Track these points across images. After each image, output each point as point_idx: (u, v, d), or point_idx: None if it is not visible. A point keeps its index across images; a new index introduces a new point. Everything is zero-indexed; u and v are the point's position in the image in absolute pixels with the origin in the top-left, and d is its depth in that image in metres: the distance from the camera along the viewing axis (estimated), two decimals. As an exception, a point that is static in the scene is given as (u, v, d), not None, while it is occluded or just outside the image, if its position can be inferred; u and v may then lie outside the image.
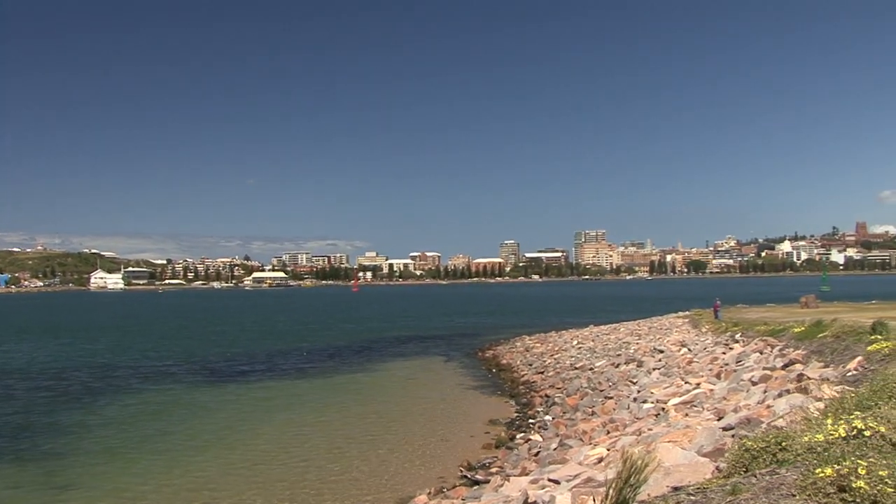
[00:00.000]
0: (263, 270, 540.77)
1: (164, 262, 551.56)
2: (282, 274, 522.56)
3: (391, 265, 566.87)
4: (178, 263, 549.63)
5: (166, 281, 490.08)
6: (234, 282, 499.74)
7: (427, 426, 34.20)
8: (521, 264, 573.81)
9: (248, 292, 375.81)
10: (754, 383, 23.74)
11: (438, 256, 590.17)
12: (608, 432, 25.05)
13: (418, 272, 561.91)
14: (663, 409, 25.45)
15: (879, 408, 9.81)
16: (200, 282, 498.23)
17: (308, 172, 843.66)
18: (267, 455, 28.74)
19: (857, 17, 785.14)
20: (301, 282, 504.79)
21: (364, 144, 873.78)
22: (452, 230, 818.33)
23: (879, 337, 22.02)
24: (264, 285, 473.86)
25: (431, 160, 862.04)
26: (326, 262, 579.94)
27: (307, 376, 52.19)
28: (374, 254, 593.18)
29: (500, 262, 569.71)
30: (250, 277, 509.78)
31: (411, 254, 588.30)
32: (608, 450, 19.89)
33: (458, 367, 56.89)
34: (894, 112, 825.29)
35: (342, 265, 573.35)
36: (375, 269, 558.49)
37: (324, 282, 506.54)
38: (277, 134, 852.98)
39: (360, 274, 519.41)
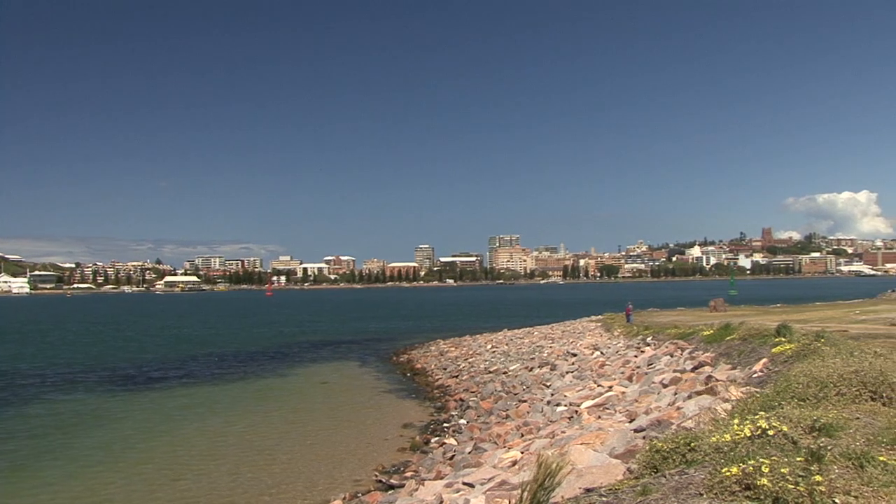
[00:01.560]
0: (176, 274, 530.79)
1: (73, 265, 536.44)
2: (194, 278, 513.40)
3: (305, 269, 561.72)
4: (88, 267, 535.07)
5: (75, 285, 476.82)
6: (145, 286, 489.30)
7: (342, 431, 34.00)
8: (435, 268, 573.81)
9: (159, 297, 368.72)
10: (665, 386, 24.19)
11: (353, 260, 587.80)
12: (522, 435, 25.22)
13: (333, 276, 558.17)
14: (576, 411, 25.72)
15: (783, 408, 10.11)
16: (111, 286, 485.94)
17: (222, 175, 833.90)
18: (179, 464, 28.17)
19: (763, 23, 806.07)
20: (214, 286, 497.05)
21: (278, 147, 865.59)
22: (367, 234, 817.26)
23: (783, 339, 22.62)
24: (176, 290, 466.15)
25: (346, 164, 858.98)
26: (240, 267, 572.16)
27: (221, 383, 51.40)
28: (288, 258, 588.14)
29: (414, 267, 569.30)
30: (162, 282, 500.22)
31: (326, 258, 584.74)
32: (522, 453, 20.04)
33: (372, 372, 56.68)
34: (799, 122, 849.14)
35: (256, 269, 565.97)
36: (290, 274, 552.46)
37: (237, 286, 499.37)
38: (191, 135, 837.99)
39: (275, 278, 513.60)
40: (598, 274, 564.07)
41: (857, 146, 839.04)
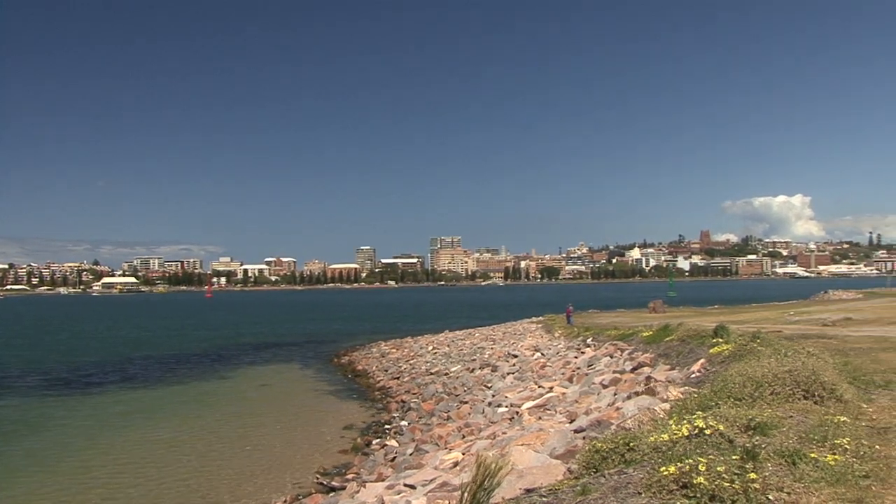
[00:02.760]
0: (113, 275, 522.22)
1: (6, 266, 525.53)
2: (133, 279, 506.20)
3: (246, 271, 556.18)
4: (22, 268, 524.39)
5: (8, 287, 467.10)
6: (82, 287, 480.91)
7: (283, 433, 33.79)
8: (377, 270, 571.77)
9: (96, 298, 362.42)
10: (605, 386, 24.39)
11: (294, 262, 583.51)
12: (463, 436, 25.28)
13: (273, 278, 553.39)
14: (517, 412, 25.83)
15: (719, 407, 10.30)
16: (46, 287, 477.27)
17: (161, 175, 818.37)
18: (116, 472, 27.63)
19: (701, 30, 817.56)
20: (153, 287, 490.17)
21: (218, 147, 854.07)
22: (308, 236, 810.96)
23: (721, 340, 22.94)
24: (114, 291, 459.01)
25: (287, 164, 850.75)
26: (180, 268, 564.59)
27: (160, 387, 50.65)
28: (228, 259, 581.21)
29: (356, 268, 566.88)
30: (99, 283, 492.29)
31: (266, 259, 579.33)
32: (463, 454, 20.09)
33: (313, 374, 56.40)
34: (736, 127, 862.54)
35: (196, 270, 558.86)
36: (230, 275, 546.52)
37: (177, 288, 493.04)
38: (129, 135, 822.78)
39: (215, 279, 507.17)
40: (539, 275, 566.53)
41: (792, 152, 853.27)
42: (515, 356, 44.97)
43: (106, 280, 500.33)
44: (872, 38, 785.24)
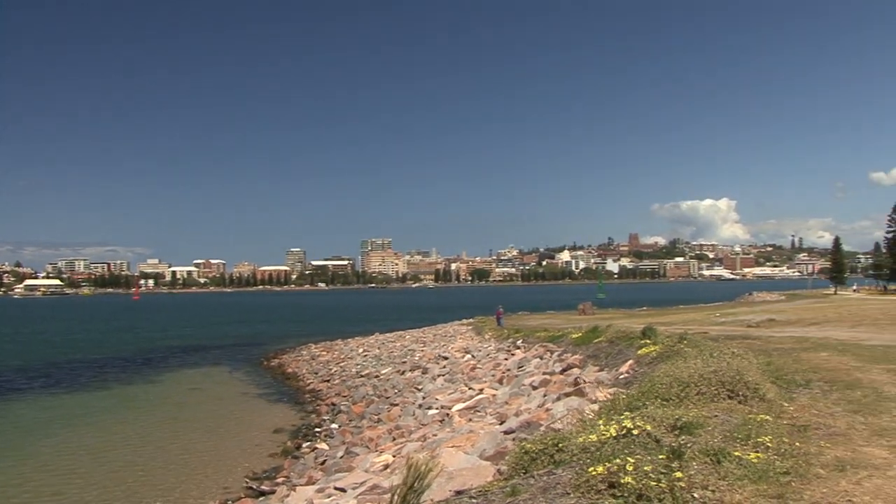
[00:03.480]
0: (37, 277, 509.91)
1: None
2: (57, 281, 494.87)
3: (174, 273, 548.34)
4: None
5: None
6: (3, 290, 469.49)
7: (211, 437, 33.40)
8: (307, 272, 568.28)
9: (18, 301, 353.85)
10: (535, 388, 24.55)
11: (223, 264, 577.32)
12: (394, 439, 25.28)
13: (203, 280, 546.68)
14: (448, 414, 25.89)
15: (647, 407, 10.43)
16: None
17: (86, 174, 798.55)
18: (40, 479, 26.94)
19: (633, 34, 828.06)
20: (78, 290, 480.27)
21: (146, 147, 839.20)
22: (238, 238, 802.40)
23: (648, 341, 23.22)
24: (37, 293, 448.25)
25: (216, 165, 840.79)
26: (106, 270, 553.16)
27: (84, 391, 49.57)
28: (156, 261, 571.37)
29: (286, 270, 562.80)
30: (22, 285, 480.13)
31: (195, 261, 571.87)
32: (394, 456, 20.09)
33: (242, 377, 55.89)
34: (666, 131, 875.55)
35: (123, 272, 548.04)
36: (158, 277, 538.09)
37: (103, 290, 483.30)
38: (52, 132, 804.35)
39: (142, 282, 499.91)
40: (470, 278, 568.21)
41: (718, 156, 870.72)
42: (446, 358, 45.09)
43: (29, 282, 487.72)
44: (797, 47, 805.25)
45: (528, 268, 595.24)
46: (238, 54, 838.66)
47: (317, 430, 33.13)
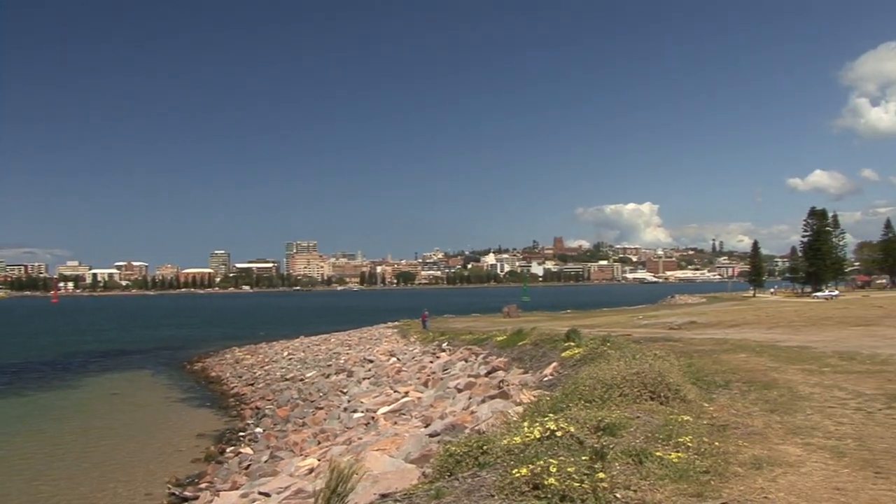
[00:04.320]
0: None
1: None
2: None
3: (95, 275, 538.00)
4: None
5: None
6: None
7: (133, 443, 32.74)
8: (231, 275, 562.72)
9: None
10: (460, 390, 24.62)
11: (146, 266, 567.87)
12: (319, 443, 25.14)
13: (124, 283, 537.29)
14: (373, 417, 25.85)
15: (570, 409, 10.54)
16: None
17: (1, 173, 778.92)
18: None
19: (555, 41, 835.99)
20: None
21: (64, 145, 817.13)
22: (160, 239, 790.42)
23: (572, 344, 23.46)
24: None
25: (137, 165, 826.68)
26: (23, 272, 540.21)
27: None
28: (76, 263, 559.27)
29: (210, 273, 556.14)
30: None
31: (116, 263, 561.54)
32: (319, 460, 19.96)
33: (165, 381, 55.06)
34: (590, 135, 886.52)
35: (41, 275, 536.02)
36: (78, 280, 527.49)
37: (20, 293, 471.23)
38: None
39: (61, 284, 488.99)
40: (395, 281, 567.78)
41: (641, 161, 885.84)
42: (371, 361, 45.03)
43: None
44: (720, 59, 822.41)
45: (453, 271, 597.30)
46: (159, 55, 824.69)
47: (241, 434, 32.79)
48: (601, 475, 6.75)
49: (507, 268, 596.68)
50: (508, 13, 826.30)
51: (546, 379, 19.99)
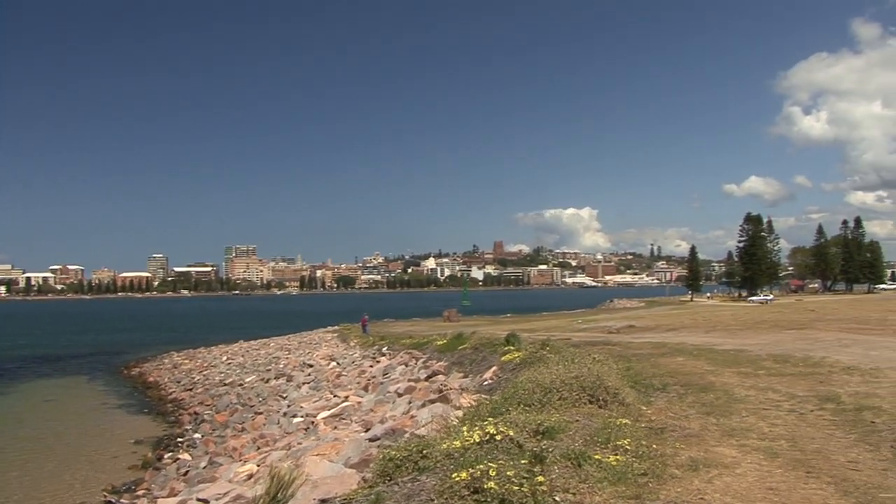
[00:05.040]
0: None
1: None
2: None
3: (28, 279, 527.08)
4: None
5: None
6: None
7: (67, 449, 32.20)
8: (170, 279, 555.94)
9: None
10: (400, 395, 24.61)
11: (81, 270, 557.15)
12: (258, 448, 24.97)
13: (59, 287, 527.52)
14: (313, 422, 25.72)
15: (510, 413, 10.57)
16: None
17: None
18: None
19: (492, 46, 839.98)
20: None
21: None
22: (97, 243, 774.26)
23: (512, 348, 23.52)
24: None
25: (73, 166, 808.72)
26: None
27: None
28: (8, 266, 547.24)
29: (147, 277, 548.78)
30: None
31: (51, 267, 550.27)
32: (258, 466, 19.82)
33: (101, 387, 54.20)
34: (529, 140, 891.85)
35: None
36: (10, 284, 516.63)
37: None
38: None
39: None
40: (335, 285, 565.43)
41: (580, 166, 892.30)
42: (311, 366, 44.87)
43: None
44: (655, 62, 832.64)
45: (393, 275, 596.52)
46: (90, 56, 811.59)
47: (179, 440, 32.49)
48: (540, 478, 6.79)
49: (447, 272, 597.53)
50: (446, 18, 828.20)
51: (486, 383, 20.05)
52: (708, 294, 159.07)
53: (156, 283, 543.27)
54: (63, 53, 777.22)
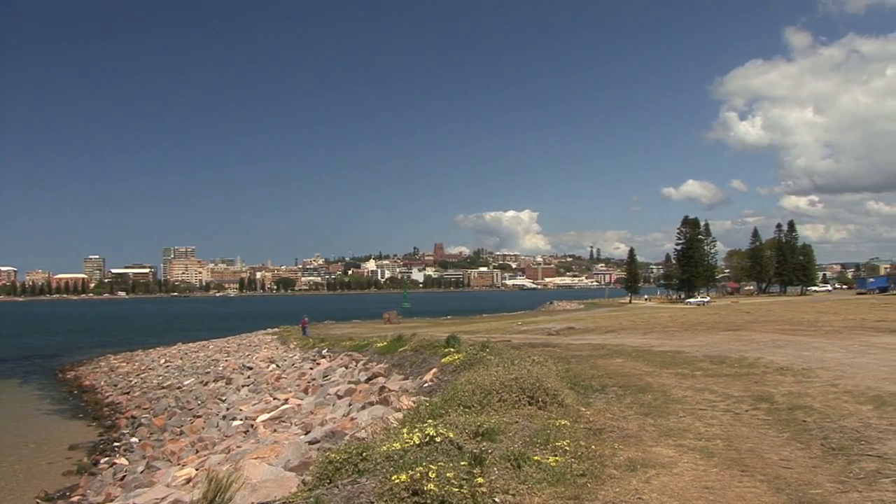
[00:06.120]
0: None
1: None
2: None
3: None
4: None
5: None
6: None
7: (-1, 457, 31.56)
8: (106, 280, 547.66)
9: None
10: (340, 397, 24.54)
11: (14, 271, 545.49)
12: (197, 451, 24.72)
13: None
14: (252, 425, 25.54)
15: (450, 415, 10.60)
16: None
17: None
18: None
19: (438, 48, 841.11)
20: None
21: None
22: (30, 243, 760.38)
23: (452, 350, 23.56)
24: None
25: (5, 165, 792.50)
26: None
27: None
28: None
29: (84, 278, 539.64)
30: None
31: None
32: (197, 470, 19.61)
33: (35, 391, 53.12)
34: (469, 143, 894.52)
35: None
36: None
37: None
38: None
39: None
40: (275, 287, 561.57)
41: (521, 170, 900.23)
42: (250, 368, 44.57)
43: None
44: (594, 66, 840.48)
45: (333, 277, 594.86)
46: (43, 57, 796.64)
47: (115, 444, 31.95)
48: (480, 480, 6.81)
49: (387, 274, 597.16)
50: (378, 21, 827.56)
51: (426, 385, 20.06)
52: (646, 296, 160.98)
53: (92, 285, 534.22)
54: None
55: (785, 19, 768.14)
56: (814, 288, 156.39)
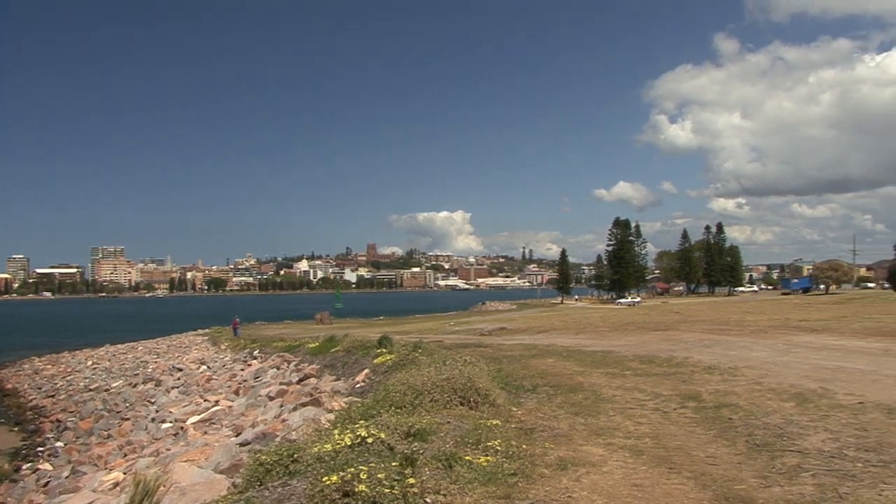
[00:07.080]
0: None
1: None
2: None
3: None
4: None
5: None
6: None
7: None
8: (31, 280, 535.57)
9: None
10: (271, 398, 24.38)
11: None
12: (125, 455, 24.35)
13: None
14: (182, 428, 25.24)
15: (381, 416, 10.59)
16: None
17: None
18: None
19: (368, 45, 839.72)
20: None
21: None
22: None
23: (384, 350, 23.58)
24: None
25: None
26: None
27: None
28: None
29: (7, 278, 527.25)
30: None
31: None
32: (125, 473, 19.32)
33: (-47, 396, 51.84)
34: (402, 143, 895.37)
35: None
36: None
37: None
38: None
39: None
40: (206, 287, 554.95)
41: (453, 170, 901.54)
42: (180, 370, 44.11)
43: None
44: (527, 68, 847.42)
45: (265, 277, 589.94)
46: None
47: (39, 449, 31.32)
48: (411, 480, 6.82)
49: (320, 274, 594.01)
50: (313, 20, 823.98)
51: (358, 386, 20.05)
52: (577, 297, 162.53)
53: (16, 285, 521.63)
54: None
55: (714, 26, 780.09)
56: (741, 288, 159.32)
